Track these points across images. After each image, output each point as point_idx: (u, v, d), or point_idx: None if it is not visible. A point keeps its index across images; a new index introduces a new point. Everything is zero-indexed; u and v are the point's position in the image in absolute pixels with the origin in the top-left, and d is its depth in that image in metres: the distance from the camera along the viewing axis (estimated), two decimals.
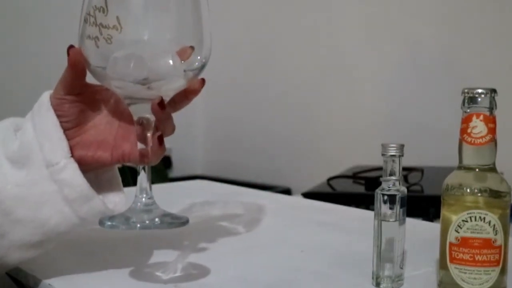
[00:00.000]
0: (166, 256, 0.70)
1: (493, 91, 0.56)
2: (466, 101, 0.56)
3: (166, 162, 2.30)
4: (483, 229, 0.55)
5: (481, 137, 0.55)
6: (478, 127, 0.55)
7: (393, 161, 0.60)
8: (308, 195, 1.31)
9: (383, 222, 0.60)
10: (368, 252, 0.62)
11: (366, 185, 1.38)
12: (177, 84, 0.59)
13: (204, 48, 0.59)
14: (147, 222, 0.58)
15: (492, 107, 0.56)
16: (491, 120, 0.55)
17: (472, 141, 0.56)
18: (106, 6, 0.55)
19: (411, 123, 1.78)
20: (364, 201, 1.22)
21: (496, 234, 0.55)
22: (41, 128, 0.59)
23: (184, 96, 0.61)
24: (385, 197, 0.60)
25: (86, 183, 0.59)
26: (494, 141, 0.56)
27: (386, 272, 0.61)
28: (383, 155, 0.60)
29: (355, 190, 1.40)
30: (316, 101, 1.98)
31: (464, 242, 0.55)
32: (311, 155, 2.03)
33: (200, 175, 2.06)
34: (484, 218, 0.55)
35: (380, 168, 0.61)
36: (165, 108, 0.58)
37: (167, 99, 0.59)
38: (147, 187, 0.61)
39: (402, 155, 0.60)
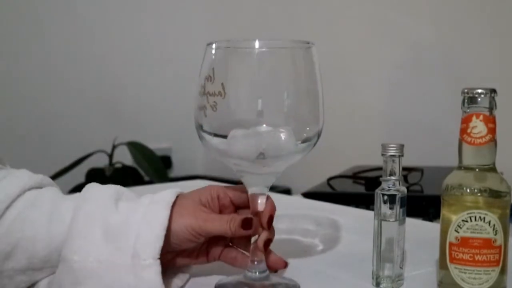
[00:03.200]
0: None
1: (493, 91, 0.56)
2: (466, 101, 0.56)
3: (166, 162, 2.30)
4: (483, 229, 0.55)
5: (481, 137, 0.55)
6: (478, 127, 0.56)
7: (393, 161, 0.60)
8: (308, 195, 1.31)
9: (383, 222, 0.60)
10: (368, 252, 0.62)
11: (366, 185, 1.38)
12: (293, 160, 0.60)
13: (320, 121, 0.59)
14: None
15: (492, 107, 0.56)
16: (491, 120, 0.55)
17: (472, 141, 0.56)
18: (213, 75, 0.56)
19: (411, 123, 1.79)
20: (364, 201, 1.22)
21: (496, 234, 0.55)
22: (150, 220, 0.57)
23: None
24: (385, 197, 0.60)
25: None
26: (494, 141, 0.56)
27: (386, 272, 0.61)
28: (383, 155, 0.60)
29: (355, 190, 1.39)
30: None
31: (464, 242, 0.55)
32: (311, 155, 2.03)
33: (200, 175, 2.06)
34: (484, 218, 0.55)
35: (380, 168, 0.61)
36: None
37: (279, 171, 0.60)
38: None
39: (402, 155, 0.60)
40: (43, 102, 2.07)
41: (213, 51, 0.58)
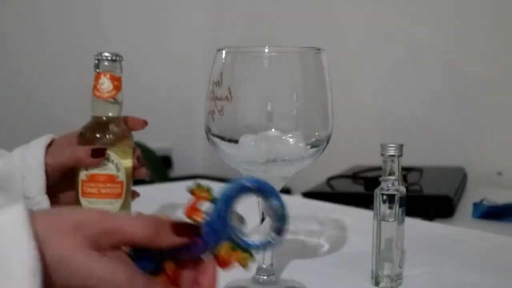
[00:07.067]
0: None
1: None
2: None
3: (166, 162, 2.30)
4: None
5: (108, 92, 0.66)
6: (106, 83, 0.66)
7: (392, 161, 0.60)
8: (308, 195, 1.31)
9: (382, 222, 0.60)
10: (367, 251, 0.62)
11: (366, 185, 1.38)
12: (303, 165, 0.59)
13: (329, 126, 0.59)
14: None
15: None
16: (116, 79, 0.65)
17: (100, 95, 0.67)
18: (221, 79, 0.57)
19: (411, 123, 1.79)
20: (363, 201, 1.22)
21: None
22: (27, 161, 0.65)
23: None
24: (384, 197, 0.60)
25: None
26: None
27: (385, 272, 0.61)
28: (382, 155, 0.60)
29: (355, 190, 1.39)
30: None
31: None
32: None
33: (200, 175, 2.06)
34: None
35: (379, 168, 0.62)
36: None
37: (288, 175, 0.60)
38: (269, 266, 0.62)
39: (401, 155, 0.60)
40: (43, 102, 2.07)
41: (223, 56, 0.58)
